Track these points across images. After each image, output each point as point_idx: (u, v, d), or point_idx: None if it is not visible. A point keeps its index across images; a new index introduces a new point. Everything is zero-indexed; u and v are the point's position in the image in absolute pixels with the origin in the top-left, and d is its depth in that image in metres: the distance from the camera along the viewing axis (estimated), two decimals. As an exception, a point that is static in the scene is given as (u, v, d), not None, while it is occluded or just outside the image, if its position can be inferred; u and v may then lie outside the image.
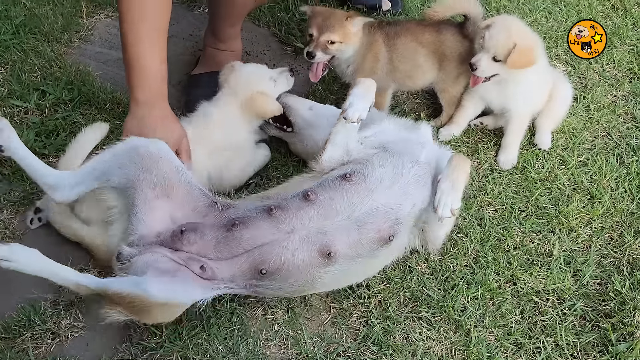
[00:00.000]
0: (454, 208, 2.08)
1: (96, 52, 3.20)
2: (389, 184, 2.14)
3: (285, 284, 2.05)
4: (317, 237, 2.03)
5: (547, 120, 2.78)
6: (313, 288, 2.16)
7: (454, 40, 2.73)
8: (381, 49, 2.72)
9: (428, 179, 2.22)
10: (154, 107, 2.19)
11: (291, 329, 2.24)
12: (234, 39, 2.94)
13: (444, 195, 2.09)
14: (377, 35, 2.72)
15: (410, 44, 2.73)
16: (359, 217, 2.07)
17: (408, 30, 2.76)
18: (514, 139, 2.72)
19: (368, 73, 2.68)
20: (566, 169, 2.72)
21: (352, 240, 2.06)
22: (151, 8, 2.12)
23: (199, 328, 2.20)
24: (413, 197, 2.17)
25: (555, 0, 3.52)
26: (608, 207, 2.59)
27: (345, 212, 2.07)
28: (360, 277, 2.26)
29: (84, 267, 2.35)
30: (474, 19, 2.69)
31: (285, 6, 3.40)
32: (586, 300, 2.33)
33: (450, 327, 2.25)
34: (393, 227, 2.11)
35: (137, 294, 1.89)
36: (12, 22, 3.19)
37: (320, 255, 2.02)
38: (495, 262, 2.41)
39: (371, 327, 2.23)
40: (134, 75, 2.15)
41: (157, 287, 1.90)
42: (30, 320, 2.19)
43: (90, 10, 3.37)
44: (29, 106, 2.84)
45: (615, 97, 3.04)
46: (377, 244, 2.10)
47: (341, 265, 2.08)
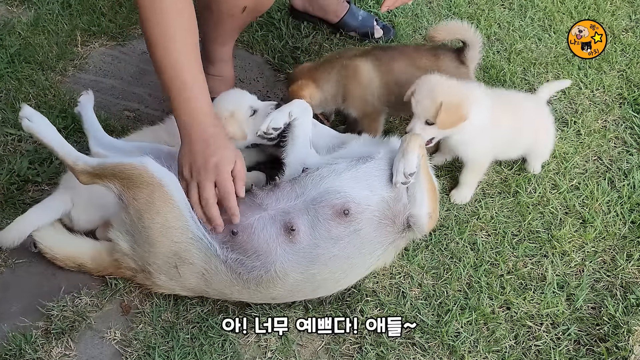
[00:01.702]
0: (407, 172, 2.18)
1: (91, 80, 3.22)
2: (340, 173, 2.26)
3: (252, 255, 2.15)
4: (282, 215, 2.19)
5: (536, 157, 2.79)
6: (284, 275, 2.15)
7: (452, 67, 2.74)
8: (366, 75, 2.72)
9: (388, 170, 2.28)
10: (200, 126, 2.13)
11: (284, 355, 2.23)
12: (225, 62, 2.94)
13: (396, 163, 2.22)
14: (359, 63, 2.73)
15: (407, 69, 2.73)
16: (314, 197, 2.21)
17: (404, 55, 2.77)
18: (470, 180, 2.68)
19: (359, 101, 2.71)
20: (558, 193, 2.74)
21: (311, 217, 2.18)
22: (180, 28, 2.12)
23: (191, 355, 2.19)
24: (369, 183, 2.24)
25: (545, 27, 3.57)
26: (600, 230, 2.60)
27: (303, 196, 2.23)
28: (335, 275, 2.22)
29: (76, 295, 2.33)
30: (471, 46, 2.71)
31: (279, 34, 3.44)
32: (580, 325, 2.32)
33: (445, 353, 2.23)
34: (346, 204, 2.18)
35: (133, 165, 2.13)
36: (7, 51, 3.22)
37: (284, 230, 2.16)
38: (489, 287, 2.41)
39: (365, 354, 2.22)
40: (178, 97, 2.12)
41: (153, 162, 2.15)
42: (21, 349, 2.17)
43: (85, 39, 3.40)
44: (23, 134, 2.84)
45: (606, 122, 3.07)
46: (333, 220, 2.16)
47: (306, 248, 2.15)
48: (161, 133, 2.65)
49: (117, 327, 2.27)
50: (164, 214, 2.12)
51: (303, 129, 2.47)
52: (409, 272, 2.45)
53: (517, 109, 2.68)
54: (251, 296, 2.23)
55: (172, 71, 2.11)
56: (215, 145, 2.11)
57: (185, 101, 2.12)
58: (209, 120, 2.15)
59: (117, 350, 2.22)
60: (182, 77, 2.11)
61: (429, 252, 2.52)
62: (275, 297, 2.24)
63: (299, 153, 2.46)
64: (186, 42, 2.14)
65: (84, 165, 2.18)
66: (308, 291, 2.25)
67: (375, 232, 2.22)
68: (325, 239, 2.16)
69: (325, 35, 3.46)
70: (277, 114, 2.44)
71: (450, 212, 2.65)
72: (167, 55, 2.11)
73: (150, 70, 3.14)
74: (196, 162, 2.11)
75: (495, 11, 3.64)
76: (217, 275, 2.17)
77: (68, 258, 2.34)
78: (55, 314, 2.27)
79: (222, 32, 2.81)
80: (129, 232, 2.19)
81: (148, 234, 2.14)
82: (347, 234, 2.18)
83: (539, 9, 3.67)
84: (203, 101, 2.15)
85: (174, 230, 2.13)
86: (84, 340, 2.24)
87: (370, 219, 2.21)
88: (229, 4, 2.62)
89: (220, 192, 2.12)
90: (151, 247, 2.15)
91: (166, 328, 2.26)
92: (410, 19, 3.58)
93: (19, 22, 3.41)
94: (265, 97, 3.23)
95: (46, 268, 2.40)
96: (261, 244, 2.15)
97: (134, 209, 2.14)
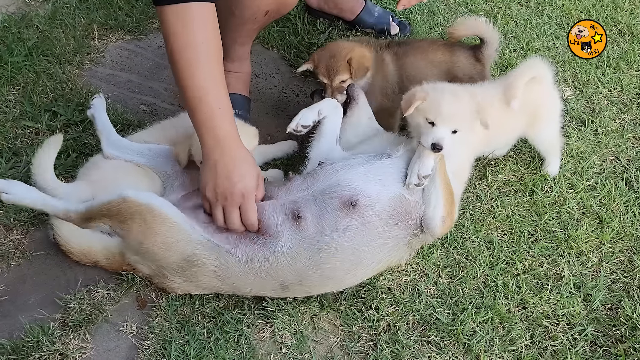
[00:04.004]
0: (421, 174, 2.19)
1: (107, 74, 3.23)
2: (353, 167, 2.29)
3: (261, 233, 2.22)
4: (291, 204, 2.24)
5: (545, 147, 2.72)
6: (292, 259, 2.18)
7: (467, 63, 2.74)
8: (389, 68, 2.73)
9: (404, 168, 2.29)
10: (225, 150, 2.16)
11: (299, 352, 2.23)
12: (243, 60, 2.96)
13: (412, 164, 2.23)
14: (385, 55, 2.74)
15: (419, 63, 2.73)
16: (324, 189, 2.25)
17: (418, 49, 2.77)
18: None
19: (378, 94, 2.71)
20: (575, 193, 2.72)
21: (319, 207, 2.21)
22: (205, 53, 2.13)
23: (207, 350, 2.19)
24: (381, 179, 2.26)
25: (562, 25, 3.55)
26: (617, 231, 2.59)
27: (313, 187, 2.28)
28: (344, 265, 2.23)
29: (93, 288, 2.35)
30: (489, 43, 2.70)
31: (295, 30, 3.44)
32: (596, 325, 2.31)
33: (460, 352, 2.23)
34: (354, 196, 2.20)
35: (116, 200, 2.15)
36: (25, 44, 3.23)
37: (292, 217, 2.20)
38: (505, 286, 2.40)
39: (380, 351, 2.22)
40: (204, 122, 2.15)
41: (133, 191, 2.17)
42: (38, 341, 2.18)
43: (101, 33, 3.41)
44: (41, 127, 2.86)
45: (624, 122, 3.05)
46: (341, 211, 2.18)
47: (313, 235, 2.18)
48: (170, 129, 2.66)
49: (134, 321, 2.29)
50: (163, 233, 2.17)
51: (332, 126, 2.51)
52: (424, 270, 2.45)
53: None
54: (264, 286, 2.24)
55: (197, 94, 2.13)
56: (240, 171, 2.16)
57: (211, 127, 2.15)
58: (234, 144, 2.18)
59: (133, 344, 2.23)
60: (207, 100, 2.13)
61: (444, 250, 2.52)
62: (286, 286, 2.24)
63: (323, 149, 2.50)
64: (212, 68, 2.15)
65: (75, 214, 2.22)
66: (317, 281, 2.24)
67: (385, 227, 2.23)
68: (332, 229, 2.18)
69: (341, 32, 3.46)
70: (307, 112, 2.46)
71: (466, 211, 2.64)
72: (193, 78, 2.13)
73: (166, 64, 3.16)
74: (221, 186, 2.15)
75: (512, 9, 3.62)
76: (228, 270, 2.20)
77: (83, 254, 2.36)
78: (73, 306, 2.28)
79: (243, 34, 2.83)
80: (137, 253, 2.24)
81: (154, 253, 2.19)
82: (355, 225, 2.19)
83: (556, 7, 3.65)
84: (228, 125, 2.17)
85: (177, 243, 2.19)
86: (100, 333, 2.25)
87: (380, 213, 2.22)
88: (252, 10, 2.64)
89: (244, 220, 2.21)
90: (160, 262, 2.21)
91: (182, 322, 2.27)
92: (427, 15, 3.57)
93: (37, 16, 3.43)
94: (281, 92, 3.23)
95: (63, 260, 2.41)
96: (270, 225, 2.21)
97: (133, 238, 2.19)
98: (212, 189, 2.17)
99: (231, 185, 2.14)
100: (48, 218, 2.44)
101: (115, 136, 2.54)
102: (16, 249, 2.46)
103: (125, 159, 2.51)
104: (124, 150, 2.51)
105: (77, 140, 2.81)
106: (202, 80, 2.13)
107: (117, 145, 2.52)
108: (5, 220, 2.52)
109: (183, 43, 2.10)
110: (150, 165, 2.50)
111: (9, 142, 2.80)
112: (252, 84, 3.18)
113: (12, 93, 3.04)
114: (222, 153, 2.15)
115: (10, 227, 2.52)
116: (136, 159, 2.51)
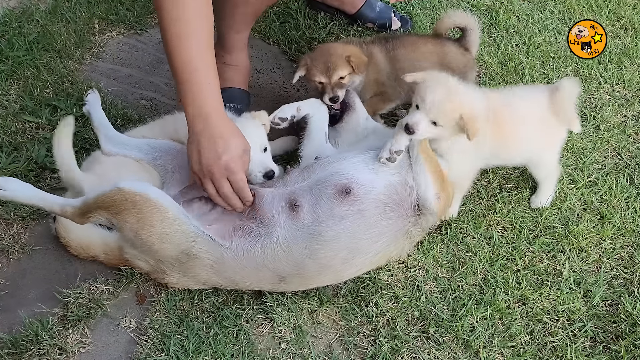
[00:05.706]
0: (392, 150, 2.25)
1: (108, 68, 3.23)
2: (347, 158, 2.35)
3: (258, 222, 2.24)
4: (289, 194, 2.28)
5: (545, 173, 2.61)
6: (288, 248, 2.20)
7: (457, 52, 2.80)
8: (380, 61, 2.76)
9: (405, 160, 2.32)
10: (209, 123, 2.15)
11: (299, 347, 2.23)
12: (240, 50, 2.95)
13: (388, 142, 2.28)
14: (372, 49, 2.77)
15: (411, 55, 2.76)
16: (319, 179, 2.29)
17: (408, 42, 2.82)
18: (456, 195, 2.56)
19: (373, 85, 2.77)
20: (576, 189, 2.71)
21: (314, 196, 2.25)
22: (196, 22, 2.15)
23: (206, 345, 2.19)
24: (374, 167, 2.30)
25: (564, 21, 3.53)
26: (618, 227, 2.58)
27: (309, 178, 2.33)
28: (341, 254, 2.23)
29: (92, 282, 2.35)
30: (471, 30, 2.77)
31: (296, 25, 3.43)
32: (596, 322, 2.30)
33: (459, 347, 2.23)
34: (348, 184, 2.24)
35: (112, 192, 2.15)
36: (26, 38, 3.23)
37: (289, 207, 2.24)
38: (505, 282, 2.39)
39: (379, 347, 2.22)
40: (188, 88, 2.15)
41: (128, 182, 2.19)
42: (37, 336, 2.19)
43: (102, 28, 3.41)
44: (41, 122, 2.86)
45: (625, 117, 3.04)
46: (336, 198, 2.22)
47: (309, 224, 2.20)
48: (170, 125, 2.66)
49: (133, 316, 2.29)
50: (159, 224, 2.17)
51: (318, 125, 2.62)
52: (424, 266, 2.44)
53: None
54: (261, 279, 2.24)
55: (183, 62, 2.14)
56: (225, 142, 2.14)
57: (197, 101, 2.14)
58: (219, 119, 2.17)
59: (132, 338, 2.24)
60: (193, 67, 2.13)
61: (444, 245, 2.51)
62: (284, 277, 2.24)
63: (313, 147, 2.57)
64: (201, 37, 2.16)
65: (71, 208, 2.22)
66: (315, 271, 2.24)
67: (381, 216, 2.24)
68: (328, 217, 2.21)
69: (342, 27, 3.45)
70: (286, 107, 2.60)
71: (466, 206, 2.64)
72: (181, 48, 2.13)
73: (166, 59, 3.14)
74: (205, 158, 2.14)
75: (515, 4, 3.60)
76: (225, 263, 2.21)
77: (81, 247, 2.36)
78: (72, 301, 2.29)
79: (237, 19, 2.82)
80: (134, 246, 2.24)
81: (150, 244, 2.19)
82: (350, 213, 2.22)
83: (559, 2, 3.63)
84: (214, 100, 2.17)
85: (173, 235, 2.18)
86: (99, 328, 2.26)
87: (375, 200, 2.24)
88: None
89: (235, 189, 2.19)
90: (157, 254, 2.21)
91: (181, 317, 2.27)
92: (428, 10, 3.55)
93: (38, 10, 3.43)
94: (282, 87, 3.22)
95: (63, 255, 2.42)
96: (266, 213, 2.24)
97: (129, 230, 2.18)
98: (197, 161, 2.15)
99: (216, 157, 2.12)
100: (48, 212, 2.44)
101: (113, 132, 2.53)
102: (16, 244, 2.46)
103: (124, 154, 2.50)
104: (122, 146, 2.50)
105: (78, 135, 2.79)
106: (190, 55, 2.13)
107: (115, 141, 2.51)
108: (5, 214, 2.52)
109: (174, 16, 2.11)
110: (149, 161, 2.50)
111: (9, 136, 2.80)
112: (252, 79, 3.18)
113: (13, 87, 3.04)
114: (206, 126, 2.14)
115: (10, 221, 2.52)
116: (135, 155, 2.50)
